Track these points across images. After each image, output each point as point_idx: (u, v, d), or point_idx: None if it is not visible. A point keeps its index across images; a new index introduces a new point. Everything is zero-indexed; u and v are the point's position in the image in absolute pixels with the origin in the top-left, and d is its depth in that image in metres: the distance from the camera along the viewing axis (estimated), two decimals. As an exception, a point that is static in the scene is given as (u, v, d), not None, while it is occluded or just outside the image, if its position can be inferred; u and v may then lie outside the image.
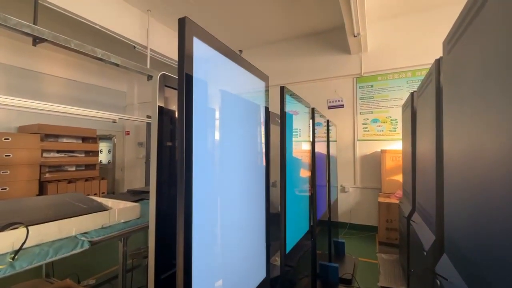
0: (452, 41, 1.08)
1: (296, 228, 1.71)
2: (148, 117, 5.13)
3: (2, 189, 3.77)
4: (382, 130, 4.10)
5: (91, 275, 2.70)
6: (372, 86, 4.17)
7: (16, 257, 1.11)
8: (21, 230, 1.19)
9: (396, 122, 4.01)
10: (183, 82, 0.66)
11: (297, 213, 1.73)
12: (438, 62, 1.41)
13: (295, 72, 4.79)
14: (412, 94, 2.24)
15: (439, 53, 1.41)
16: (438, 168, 1.37)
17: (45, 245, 1.25)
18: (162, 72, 1.35)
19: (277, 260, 2.42)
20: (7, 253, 1.13)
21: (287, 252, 1.41)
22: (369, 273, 2.73)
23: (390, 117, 4.06)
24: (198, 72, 0.76)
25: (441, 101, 1.38)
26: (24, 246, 1.17)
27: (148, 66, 3.86)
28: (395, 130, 4.02)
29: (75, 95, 5.56)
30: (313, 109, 2.06)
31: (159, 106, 1.38)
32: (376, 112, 4.15)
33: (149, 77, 3.82)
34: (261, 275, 1.27)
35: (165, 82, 1.36)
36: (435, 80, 1.42)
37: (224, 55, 0.97)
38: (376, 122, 4.15)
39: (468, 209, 0.90)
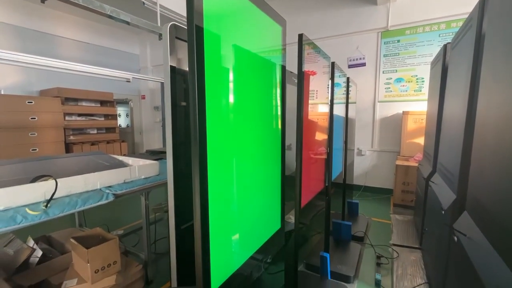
0: (506, -29, 0.91)
1: (311, 187, 1.72)
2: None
3: (32, 149, 4.02)
4: (406, 90, 3.85)
5: (119, 226, 2.96)
6: (398, 41, 3.82)
7: (48, 205, 1.20)
8: (50, 182, 1.27)
9: (423, 81, 3.72)
10: (192, 17, 0.60)
11: (312, 173, 1.72)
12: (482, 2, 1.22)
13: (313, 28, 4.43)
14: (445, 46, 2.02)
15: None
16: (468, 124, 1.27)
17: (74, 196, 1.34)
18: (172, 22, 1.27)
19: (291, 218, 2.51)
20: (40, 202, 1.22)
21: (301, 208, 1.43)
22: (381, 232, 2.79)
23: (416, 75, 3.76)
24: (209, 12, 0.69)
25: (480, 50, 1.23)
26: (55, 196, 1.26)
27: (159, 24, 3.70)
28: (420, 90, 3.76)
29: (87, 58, 5.53)
30: (333, 63, 1.92)
31: (171, 65, 1.32)
32: (400, 71, 3.86)
33: (160, 36, 3.68)
34: (276, 226, 1.31)
35: (176, 33, 1.29)
36: (476, 25, 1.25)
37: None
38: (400, 81, 3.88)
39: (500, 165, 0.84)
